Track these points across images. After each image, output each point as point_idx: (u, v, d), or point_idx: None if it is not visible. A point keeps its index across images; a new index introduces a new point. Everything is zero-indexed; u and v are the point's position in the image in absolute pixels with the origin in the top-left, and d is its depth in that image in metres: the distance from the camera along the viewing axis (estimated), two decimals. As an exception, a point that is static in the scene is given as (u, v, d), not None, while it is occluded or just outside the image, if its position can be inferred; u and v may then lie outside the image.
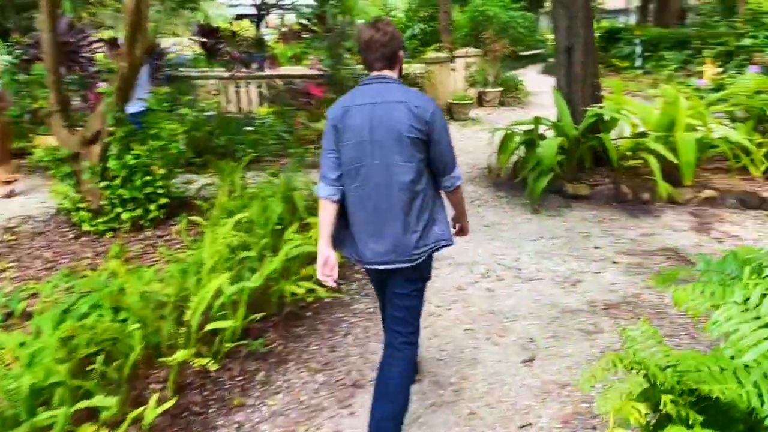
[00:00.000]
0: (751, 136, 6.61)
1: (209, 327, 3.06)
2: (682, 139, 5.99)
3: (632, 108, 6.73)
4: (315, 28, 11.33)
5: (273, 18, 38.67)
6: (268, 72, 14.24)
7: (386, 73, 2.61)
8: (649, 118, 6.57)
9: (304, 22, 13.37)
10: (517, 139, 7.13)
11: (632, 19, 38.44)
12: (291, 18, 37.32)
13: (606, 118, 6.74)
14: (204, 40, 19.53)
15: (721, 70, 14.61)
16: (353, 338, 3.81)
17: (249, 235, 4.33)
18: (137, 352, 2.96)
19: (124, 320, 3.23)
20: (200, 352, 3.22)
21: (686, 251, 5.06)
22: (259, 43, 21.61)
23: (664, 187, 5.92)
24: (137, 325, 3.04)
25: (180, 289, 3.56)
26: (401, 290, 2.70)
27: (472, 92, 13.66)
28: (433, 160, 2.59)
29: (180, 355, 2.80)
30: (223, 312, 3.27)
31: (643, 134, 6.84)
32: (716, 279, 2.39)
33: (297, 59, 22.39)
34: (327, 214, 2.65)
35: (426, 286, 2.82)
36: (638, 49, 19.55)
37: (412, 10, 25.12)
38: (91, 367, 2.96)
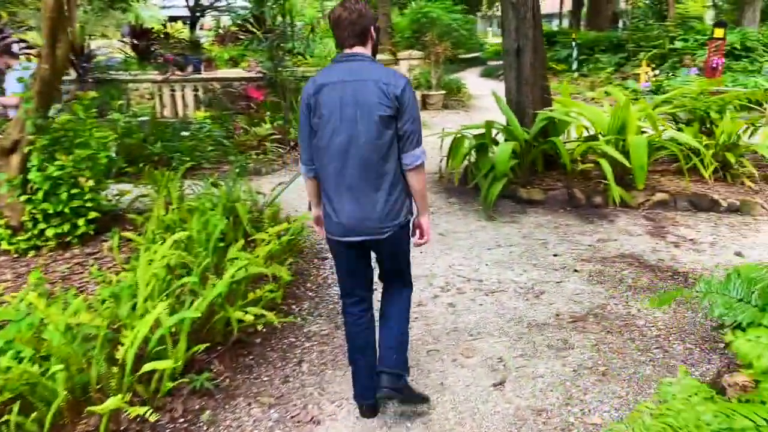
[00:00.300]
0: (698, 138, 6.63)
1: (146, 368, 2.67)
2: (633, 143, 5.92)
3: (582, 111, 6.64)
4: (253, 29, 10.87)
5: (208, 20, 37.73)
6: (204, 75, 13.68)
7: (358, 50, 2.65)
8: (599, 121, 6.49)
9: (242, 23, 12.84)
10: (467, 143, 6.94)
11: (565, 23, 39.46)
12: (227, 20, 36.50)
13: (557, 121, 6.63)
14: (135, 42, 18.76)
15: (657, 72, 14.97)
16: (308, 366, 3.48)
17: (189, 254, 3.94)
18: (61, 398, 2.56)
19: (47, 357, 2.81)
20: (137, 392, 2.83)
21: (646, 257, 4.96)
22: (194, 45, 20.91)
23: (617, 192, 5.83)
24: (60, 366, 2.63)
25: (112, 318, 3.16)
26: (387, 260, 2.90)
27: (417, 95, 13.48)
28: (400, 136, 2.63)
29: (111, 402, 2.41)
30: (162, 346, 2.89)
31: (593, 137, 6.77)
32: (721, 302, 2.18)
33: (234, 62, 21.81)
34: (309, 186, 2.90)
35: (409, 249, 2.95)
36: (574, 53, 19.85)
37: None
38: (5, 418, 2.54)
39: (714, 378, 3.04)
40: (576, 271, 4.73)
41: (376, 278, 3.03)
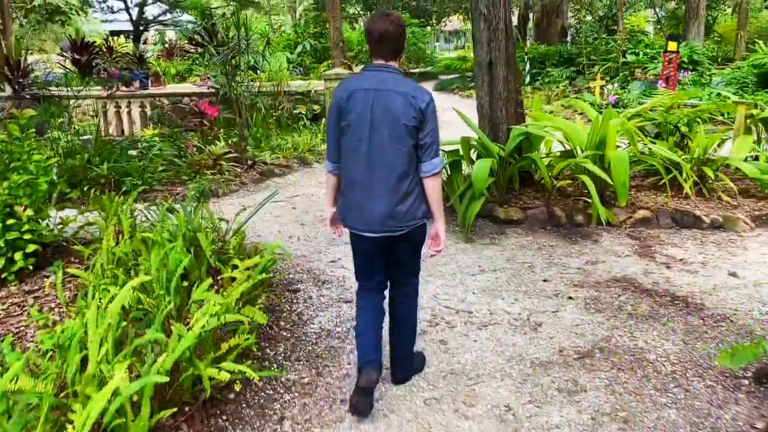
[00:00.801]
0: (675, 152, 6.47)
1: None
2: (615, 158, 5.68)
3: (558, 125, 6.40)
4: (204, 42, 10.33)
5: (151, 35, 36.72)
6: (152, 90, 13.03)
7: (391, 63, 2.89)
8: (576, 135, 6.26)
9: (191, 36, 12.27)
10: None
11: (514, 38, 39.73)
12: (172, 35, 35.58)
13: (532, 136, 6.36)
14: (76, 56, 17.86)
15: (615, 85, 15.06)
16: (291, 424, 3.02)
17: (147, 295, 3.44)
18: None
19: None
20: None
21: (639, 281, 4.69)
22: (139, 59, 20.12)
23: (602, 211, 5.57)
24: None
25: (58, 381, 2.64)
26: (401, 255, 3.10)
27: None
28: (421, 146, 2.82)
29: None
30: (121, 419, 2.39)
31: (568, 153, 6.53)
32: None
33: (182, 77, 21.06)
34: (331, 183, 3.15)
35: (421, 248, 3.20)
36: (527, 67, 19.92)
37: (301, 27, 24.53)
38: None
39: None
40: (570, 298, 4.41)
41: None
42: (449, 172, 6.54)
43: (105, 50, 18.75)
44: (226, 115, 9.97)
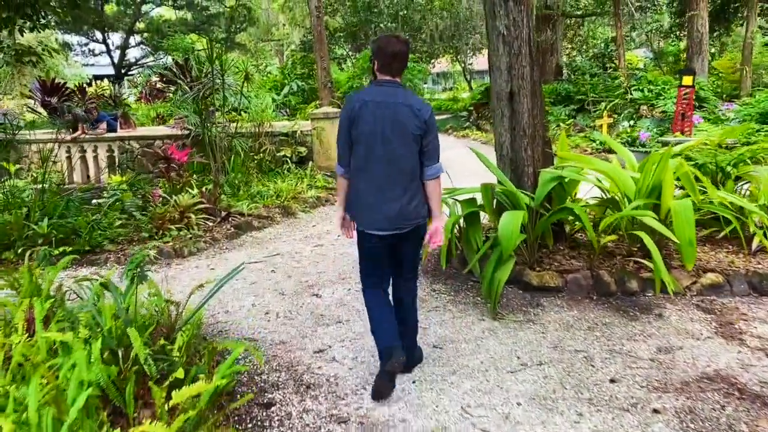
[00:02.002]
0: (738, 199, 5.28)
1: None
2: (678, 209, 4.49)
3: (597, 167, 5.21)
4: (177, 79, 9.18)
5: (138, 78, 35.98)
6: (121, 133, 11.81)
7: (396, 78, 3.23)
8: (621, 180, 5.06)
9: (163, 74, 11.14)
10: (452, 212, 5.41)
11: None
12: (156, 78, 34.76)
13: (565, 182, 5.17)
14: (47, 98, 16.74)
15: (630, 123, 14.07)
16: None
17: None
18: None
19: None
20: None
21: (740, 379, 3.42)
22: (115, 101, 19.04)
23: (669, 280, 4.34)
24: None
25: None
26: (405, 250, 3.37)
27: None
28: (424, 152, 3.19)
29: None
30: None
31: (611, 202, 5.34)
32: None
33: (162, 119, 19.93)
34: (342, 185, 3.37)
35: (422, 244, 3.45)
36: (525, 105, 18.98)
37: (288, 68, 23.64)
38: None
39: None
40: (656, 411, 3.13)
41: None
42: (463, 226, 5.33)
43: (77, 92, 17.67)
44: (201, 160, 8.76)
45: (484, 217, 5.77)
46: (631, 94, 16.08)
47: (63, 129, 11.79)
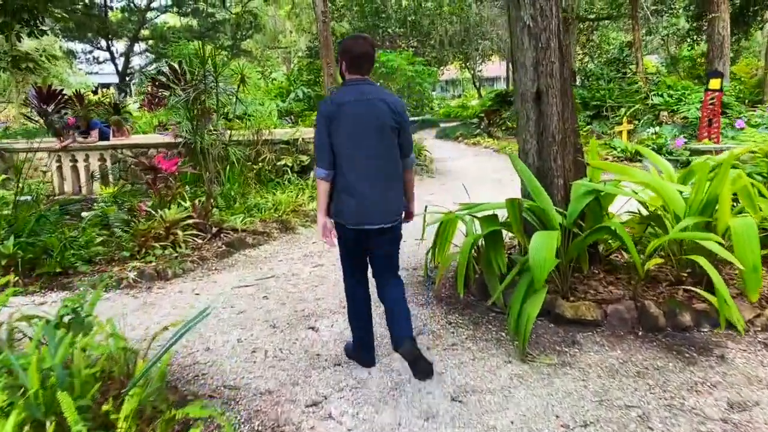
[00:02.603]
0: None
1: None
2: (740, 229, 3.77)
3: (639, 179, 4.48)
4: (170, 84, 8.53)
5: (134, 85, 35.59)
6: (114, 141, 11.18)
7: (367, 77, 3.32)
8: (667, 194, 4.33)
9: (155, 77, 10.51)
10: (466, 229, 4.71)
11: (507, 86, 38.98)
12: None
13: (601, 197, 4.45)
14: (43, 106, 16.22)
15: (655, 130, 13.33)
16: None
17: None
18: None
19: None
20: None
21: None
22: (115, 109, 18.47)
23: (734, 311, 3.61)
24: None
25: None
26: (388, 245, 3.41)
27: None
28: (401, 144, 3.35)
29: None
30: None
31: (655, 219, 4.61)
32: None
33: (164, 127, 19.33)
34: (323, 189, 3.31)
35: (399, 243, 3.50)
36: (539, 111, 18.27)
37: (294, 74, 23.05)
38: None
39: None
40: (746, 499, 2.41)
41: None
42: (482, 245, 4.63)
43: (75, 99, 17.10)
44: (192, 170, 8.08)
45: (506, 235, 5.07)
46: (651, 99, 15.33)
47: (45, 137, 11.16)
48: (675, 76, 21.35)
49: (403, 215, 3.43)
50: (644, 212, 4.90)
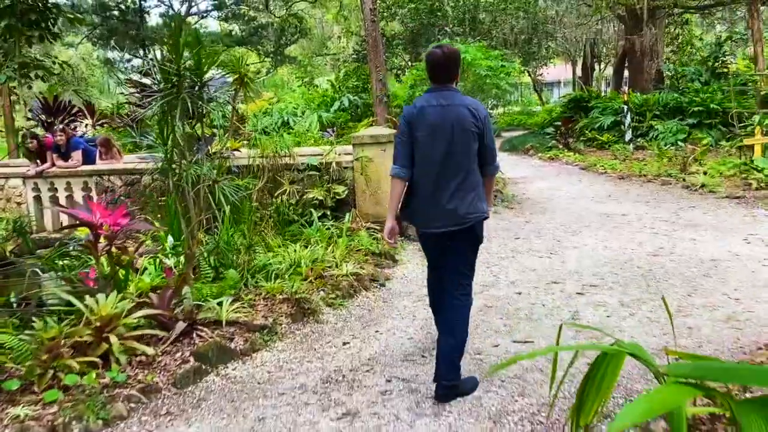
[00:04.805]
0: None
1: None
2: None
3: None
4: (153, 85, 6.00)
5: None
6: (100, 166, 8.77)
7: (448, 84, 3.35)
8: None
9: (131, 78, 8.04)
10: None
11: (568, 90, 35.67)
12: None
13: None
14: (50, 120, 14.11)
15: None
16: None
17: None
18: None
19: None
20: None
21: None
22: (134, 122, 16.22)
23: None
24: None
25: None
26: (461, 249, 3.38)
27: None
28: (482, 151, 3.33)
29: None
30: None
31: None
32: None
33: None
34: (398, 189, 3.37)
35: (479, 248, 3.46)
36: (627, 120, 15.22)
37: (340, 81, 20.51)
38: None
39: None
40: None
41: None
42: None
43: (86, 111, 14.99)
44: (149, 227, 5.53)
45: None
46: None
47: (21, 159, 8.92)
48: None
49: (481, 218, 3.34)
50: None
